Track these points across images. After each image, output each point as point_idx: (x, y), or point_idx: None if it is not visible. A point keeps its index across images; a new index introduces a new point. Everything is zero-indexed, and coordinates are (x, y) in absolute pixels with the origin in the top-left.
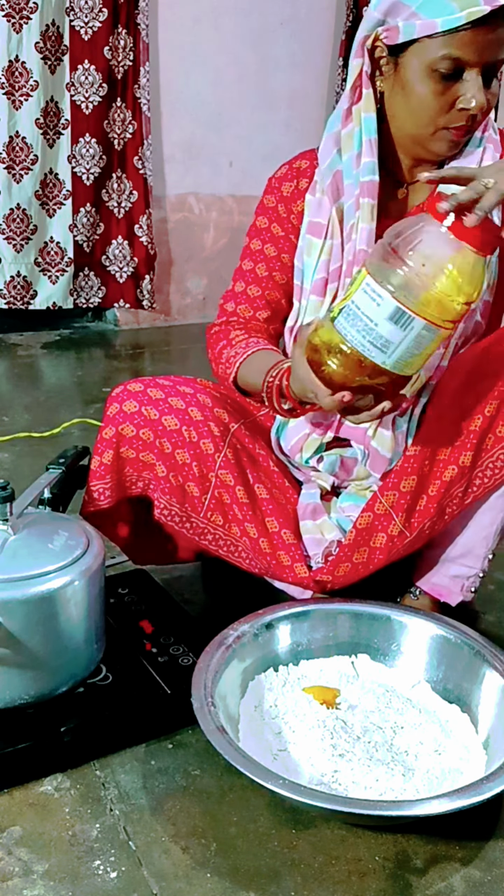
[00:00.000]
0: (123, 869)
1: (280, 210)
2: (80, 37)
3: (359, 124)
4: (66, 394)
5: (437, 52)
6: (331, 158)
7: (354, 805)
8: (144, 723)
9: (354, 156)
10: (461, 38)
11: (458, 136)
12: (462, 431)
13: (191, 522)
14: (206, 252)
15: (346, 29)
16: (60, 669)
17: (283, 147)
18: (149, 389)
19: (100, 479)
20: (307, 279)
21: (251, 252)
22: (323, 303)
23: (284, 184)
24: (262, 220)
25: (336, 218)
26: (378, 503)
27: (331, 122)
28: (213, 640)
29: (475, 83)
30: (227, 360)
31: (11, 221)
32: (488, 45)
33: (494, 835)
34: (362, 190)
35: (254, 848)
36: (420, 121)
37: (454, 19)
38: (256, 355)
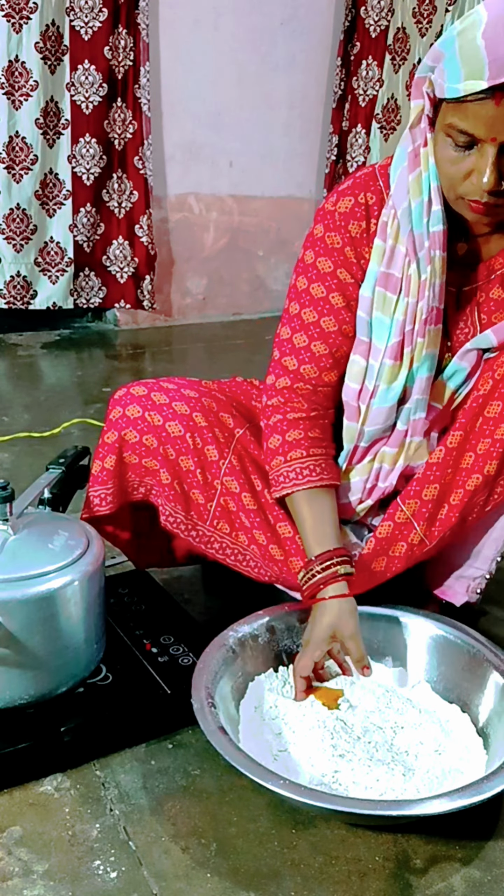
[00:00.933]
0: (123, 869)
1: (348, 253)
2: (80, 37)
3: (427, 169)
4: (66, 394)
5: (448, 118)
6: (407, 202)
7: (355, 805)
8: (144, 723)
9: (424, 203)
10: (465, 110)
11: (477, 210)
12: (487, 440)
13: (197, 531)
14: (206, 252)
15: (346, 29)
16: (60, 669)
17: (283, 147)
18: (152, 393)
19: (101, 484)
20: (380, 338)
21: (312, 299)
22: (400, 367)
23: (352, 222)
24: (326, 262)
25: (415, 271)
26: (399, 511)
27: (400, 155)
28: (213, 642)
29: (486, 159)
30: (278, 474)
31: (11, 221)
32: (496, 121)
33: (494, 835)
34: (433, 241)
35: (254, 848)
36: (444, 183)
37: (454, 88)
38: (312, 502)
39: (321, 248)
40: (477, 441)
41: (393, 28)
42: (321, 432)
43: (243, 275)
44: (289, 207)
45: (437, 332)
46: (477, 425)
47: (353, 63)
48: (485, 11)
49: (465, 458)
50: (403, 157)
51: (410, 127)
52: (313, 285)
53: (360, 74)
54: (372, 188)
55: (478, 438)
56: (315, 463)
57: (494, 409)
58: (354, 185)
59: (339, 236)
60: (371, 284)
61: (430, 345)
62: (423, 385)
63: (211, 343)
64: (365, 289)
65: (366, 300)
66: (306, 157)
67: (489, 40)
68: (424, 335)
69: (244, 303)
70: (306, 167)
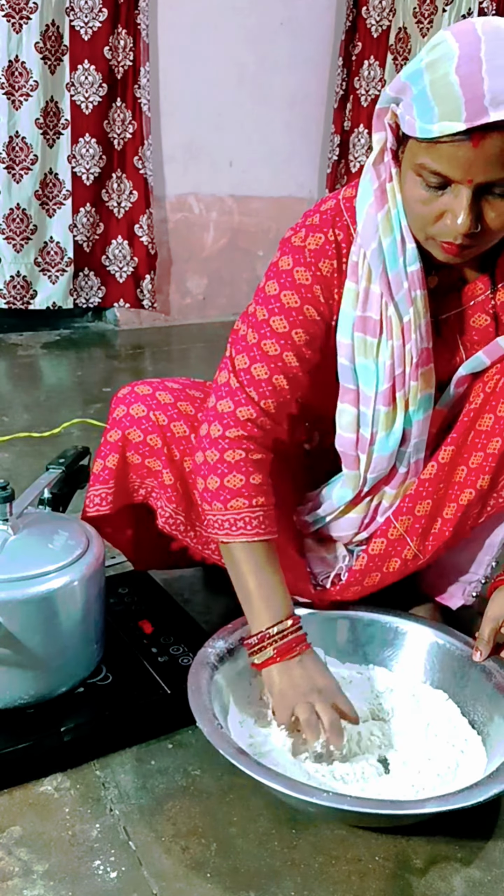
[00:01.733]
0: (123, 869)
1: (316, 291)
2: (80, 37)
3: (395, 206)
4: (66, 394)
5: (419, 158)
6: (376, 241)
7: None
8: (144, 723)
9: (397, 241)
10: (439, 151)
11: (450, 251)
12: (480, 454)
13: (195, 531)
14: (206, 252)
15: (346, 29)
16: (60, 669)
17: (283, 147)
18: (157, 393)
19: (103, 483)
20: (368, 384)
21: (274, 332)
22: (395, 412)
23: (323, 260)
24: (293, 297)
25: (394, 314)
26: (392, 528)
27: (365, 191)
28: (196, 659)
29: (462, 201)
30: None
31: (11, 221)
32: (472, 163)
33: (494, 835)
34: (412, 282)
35: (254, 848)
36: (413, 222)
37: (427, 129)
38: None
39: (287, 282)
40: (469, 455)
41: (395, 28)
42: (273, 476)
43: (243, 275)
44: (289, 207)
45: (430, 371)
46: (469, 439)
47: (354, 63)
48: (455, 44)
49: (458, 473)
50: (369, 194)
51: (373, 163)
52: (275, 319)
53: (361, 74)
54: (339, 224)
55: (470, 452)
56: (272, 511)
57: (486, 423)
58: (322, 221)
59: (309, 273)
60: (348, 330)
61: (424, 387)
62: (422, 427)
63: (211, 343)
64: (343, 335)
65: (345, 346)
66: (306, 157)
67: (463, 77)
68: (417, 378)
69: (244, 303)
70: (306, 167)
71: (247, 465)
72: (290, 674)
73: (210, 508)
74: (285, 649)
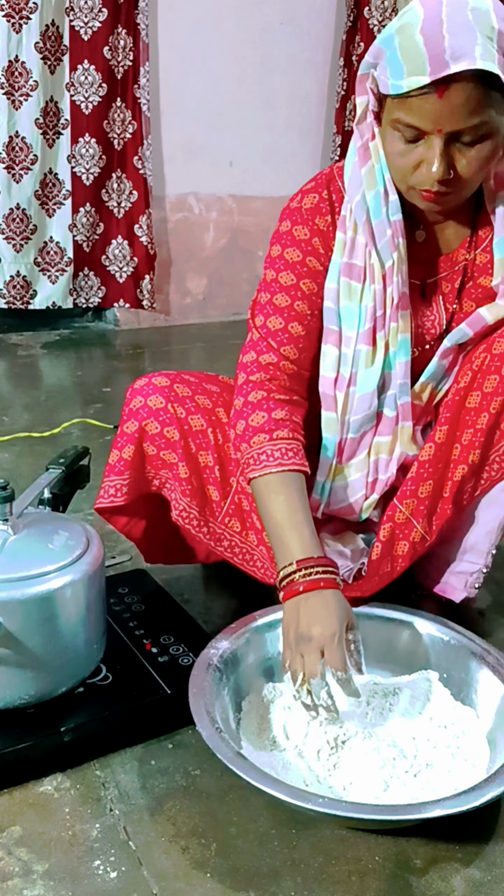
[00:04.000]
0: (123, 869)
1: (315, 244)
2: (79, 37)
3: (378, 161)
4: (66, 394)
5: (394, 113)
6: (360, 194)
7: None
8: (144, 723)
9: (381, 193)
10: (410, 105)
11: (429, 199)
12: (470, 430)
13: (208, 527)
14: (206, 252)
15: (347, 29)
16: (60, 669)
17: (283, 147)
18: (175, 385)
19: (118, 474)
20: (350, 325)
21: (283, 287)
22: (375, 353)
23: (318, 217)
24: (295, 252)
25: (377, 260)
26: (398, 512)
27: (351, 151)
28: (198, 662)
29: (434, 150)
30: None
31: (11, 221)
32: (440, 114)
33: (494, 835)
34: (395, 230)
35: (254, 848)
36: (395, 175)
37: (397, 85)
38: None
39: (288, 241)
40: (462, 432)
41: None
42: (301, 420)
43: (243, 275)
44: None
45: (408, 316)
46: (460, 417)
47: (356, 63)
48: (420, 9)
49: (454, 451)
50: (354, 153)
51: (357, 123)
52: (282, 274)
53: None
54: (332, 187)
55: (462, 430)
56: (299, 447)
57: (475, 400)
58: (317, 184)
59: (307, 229)
60: (335, 275)
61: (403, 329)
62: (404, 369)
63: (211, 343)
64: (330, 279)
65: (331, 290)
66: (307, 157)
67: (427, 37)
68: (397, 320)
69: (244, 303)
70: (307, 167)
71: (268, 402)
72: (299, 610)
73: (240, 453)
74: (310, 584)
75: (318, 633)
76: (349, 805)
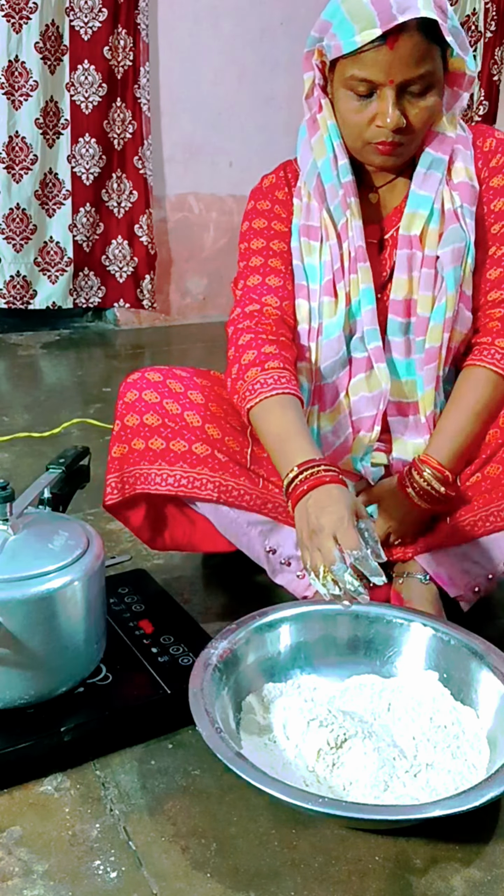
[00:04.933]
0: (123, 869)
1: (277, 210)
2: (79, 37)
3: (326, 131)
4: (66, 394)
5: (347, 72)
6: (310, 163)
7: (355, 810)
8: (144, 723)
9: (331, 159)
10: (363, 60)
11: (384, 152)
12: None
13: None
14: (206, 252)
15: None
16: (60, 669)
17: (283, 147)
18: (168, 381)
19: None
20: (313, 279)
21: (255, 251)
22: (337, 303)
23: (277, 191)
24: (261, 221)
25: (328, 220)
26: None
27: (302, 130)
28: (197, 662)
29: (387, 101)
30: (254, 382)
31: (11, 221)
32: (391, 65)
33: (494, 836)
34: (346, 190)
35: (254, 848)
36: (349, 135)
37: (351, 42)
38: (284, 409)
39: (253, 214)
40: None
41: None
42: (290, 355)
43: None
44: None
45: (367, 269)
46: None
47: None
48: None
49: None
50: (303, 129)
51: (305, 98)
52: (254, 241)
53: None
54: (288, 169)
55: None
56: (291, 375)
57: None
58: (276, 169)
59: (267, 201)
60: (297, 236)
61: (364, 280)
62: (370, 316)
63: (211, 343)
64: (293, 241)
65: (294, 250)
66: None
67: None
68: (356, 271)
69: None
70: None
71: (256, 341)
72: (307, 508)
73: (237, 394)
74: (314, 481)
75: (328, 522)
76: (349, 805)
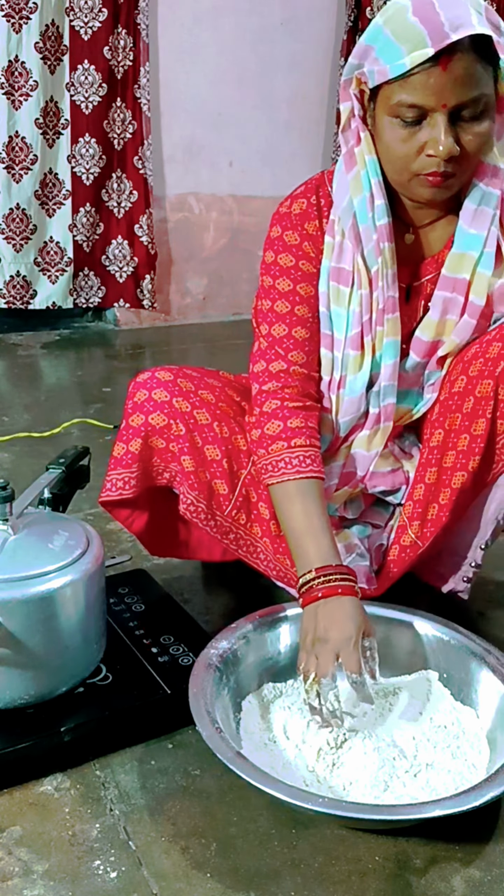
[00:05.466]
0: (123, 869)
1: (306, 248)
2: (79, 37)
3: (364, 166)
4: (66, 394)
5: (394, 98)
6: (346, 199)
7: (355, 810)
8: (144, 723)
9: (367, 198)
10: (412, 84)
11: (434, 184)
12: (465, 436)
13: (215, 520)
14: (206, 252)
15: (347, 29)
16: (60, 669)
17: (282, 147)
18: (178, 380)
19: (125, 467)
20: (339, 329)
21: (281, 293)
22: (363, 357)
23: (307, 222)
24: (288, 258)
25: (362, 265)
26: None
27: (338, 164)
28: (198, 662)
29: (439, 128)
30: (278, 459)
31: (11, 221)
32: (444, 87)
33: (494, 835)
34: (381, 234)
35: (254, 848)
36: (394, 167)
37: (399, 65)
38: (306, 498)
39: (280, 247)
40: (457, 438)
41: None
42: (315, 424)
43: (243, 275)
44: None
45: (396, 320)
46: (457, 423)
47: None
48: None
49: (447, 457)
50: (340, 161)
51: (342, 131)
52: (278, 280)
53: None
54: (321, 192)
55: (457, 435)
56: (316, 453)
57: (468, 405)
58: (307, 189)
59: (297, 234)
60: (325, 279)
61: (389, 333)
62: (390, 371)
63: (211, 343)
64: (321, 284)
65: (322, 295)
66: (306, 157)
67: (421, 16)
68: (383, 324)
69: (244, 303)
70: (306, 167)
71: (283, 411)
72: (317, 614)
73: (257, 458)
74: (329, 590)
75: (335, 637)
76: (349, 805)
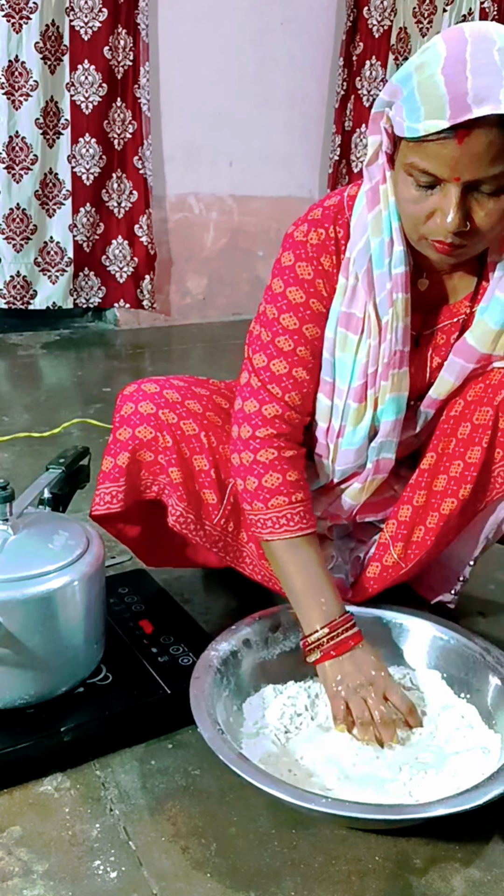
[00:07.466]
0: (123, 869)
1: (319, 286)
2: (79, 37)
3: (386, 207)
4: (66, 394)
5: (409, 157)
6: (364, 240)
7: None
8: (144, 722)
9: (386, 242)
10: (426, 150)
11: (443, 251)
12: (459, 462)
13: (204, 531)
14: (206, 252)
15: (347, 29)
16: (60, 669)
17: (282, 147)
18: (164, 391)
19: (113, 481)
20: (343, 379)
21: (285, 329)
22: (365, 409)
23: (324, 255)
24: (298, 293)
25: (373, 314)
26: (382, 532)
27: (359, 198)
28: (198, 664)
29: (450, 199)
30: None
31: (11, 221)
32: (459, 161)
33: (494, 835)
34: (395, 283)
35: (254, 848)
36: (405, 224)
37: (414, 128)
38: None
39: (291, 278)
40: (450, 463)
41: (396, 28)
42: (304, 470)
43: (243, 275)
44: (289, 207)
45: (403, 375)
46: (450, 447)
47: (356, 63)
48: (443, 46)
49: (438, 481)
50: (363, 196)
51: (367, 164)
52: (284, 316)
53: (363, 74)
54: (340, 221)
55: (451, 460)
56: (311, 505)
57: (464, 431)
58: (324, 216)
59: (311, 268)
60: (334, 325)
61: (394, 388)
62: (390, 428)
63: (211, 343)
64: (328, 328)
65: (329, 340)
66: (306, 157)
67: (448, 77)
68: (388, 378)
69: (244, 303)
70: (306, 167)
71: (281, 462)
72: (343, 669)
73: (251, 509)
74: (340, 646)
75: (377, 680)
76: (349, 805)
